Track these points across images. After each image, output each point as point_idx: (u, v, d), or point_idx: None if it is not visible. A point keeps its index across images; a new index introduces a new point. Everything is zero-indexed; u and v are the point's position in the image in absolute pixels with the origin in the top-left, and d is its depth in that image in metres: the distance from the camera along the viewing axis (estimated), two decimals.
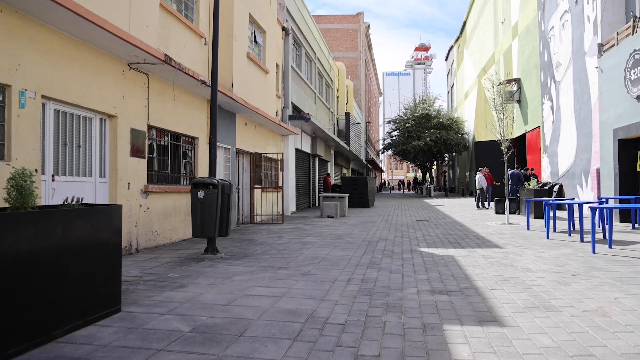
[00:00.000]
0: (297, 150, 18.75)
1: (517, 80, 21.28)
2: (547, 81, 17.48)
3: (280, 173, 15.31)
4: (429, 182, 44.43)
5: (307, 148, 20.65)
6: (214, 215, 6.49)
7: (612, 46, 11.93)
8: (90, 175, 6.51)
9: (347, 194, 16.39)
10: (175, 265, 6.04)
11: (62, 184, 5.92)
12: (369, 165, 51.67)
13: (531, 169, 18.45)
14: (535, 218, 12.92)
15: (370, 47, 56.44)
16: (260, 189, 13.49)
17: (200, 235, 6.58)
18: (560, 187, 16.07)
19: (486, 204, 19.46)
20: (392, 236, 9.38)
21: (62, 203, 3.68)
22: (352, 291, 4.57)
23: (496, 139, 12.85)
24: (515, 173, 16.56)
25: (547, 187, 15.48)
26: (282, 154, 14.16)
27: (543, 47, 17.93)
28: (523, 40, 20.63)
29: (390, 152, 43.77)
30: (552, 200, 10.30)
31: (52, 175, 5.75)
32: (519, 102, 21.43)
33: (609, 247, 7.17)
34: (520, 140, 21.76)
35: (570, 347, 2.97)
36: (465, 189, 35.50)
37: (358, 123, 40.73)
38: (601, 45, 12.54)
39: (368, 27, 50.03)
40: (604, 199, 10.36)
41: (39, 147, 5.38)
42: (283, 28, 16.47)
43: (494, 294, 4.42)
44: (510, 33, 22.62)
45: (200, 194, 6.48)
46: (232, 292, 4.51)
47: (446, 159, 44.36)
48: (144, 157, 7.57)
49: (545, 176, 17.99)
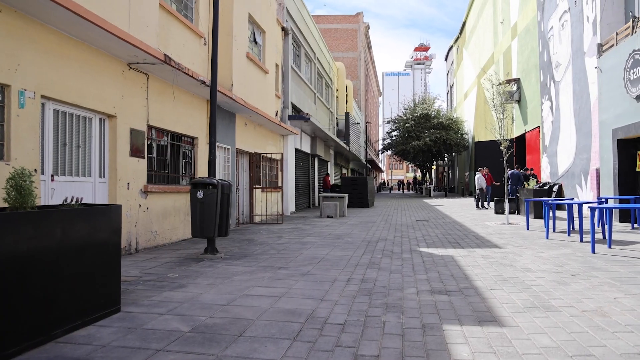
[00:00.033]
0: (296, 150, 18.75)
1: (517, 81, 21.29)
2: (547, 81, 17.49)
3: (279, 173, 15.30)
4: (428, 182, 44.44)
5: (306, 148, 20.65)
6: (213, 216, 6.49)
7: (611, 46, 11.94)
8: (89, 175, 6.51)
9: (347, 194, 16.39)
10: (175, 265, 6.03)
11: (61, 184, 5.92)
12: (368, 165, 51.67)
13: (530, 169, 18.47)
14: (534, 218, 12.92)
15: (369, 47, 56.47)
16: (259, 189, 13.49)
17: (200, 235, 6.58)
18: (560, 187, 16.08)
19: (486, 204, 19.47)
20: (391, 236, 9.39)
21: (61, 203, 3.68)
22: (352, 291, 4.57)
23: (496, 139, 12.86)
24: (515, 173, 16.57)
25: (546, 187, 15.48)
26: (282, 154, 14.17)
27: (542, 47, 17.94)
28: (522, 41, 20.64)
29: (389, 152, 43.80)
30: (552, 200, 10.31)
31: (52, 175, 5.75)
32: (518, 102, 21.44)
33: (609, 247, 7.17)
34: (520, 140, 21.77)
35: (569, 347, 2.97)
36: (464, 189, 35.51)
37: (358, 123, 40.73)
38: (600, 46, 12.54)
39: (367, 27, 50.05)
40: (603, 199, 10.37)
41: (39, 147, 5.37)
42: (282, 28, 16.47)
43: (494, 294, 4.42)
44: (510, 33, 22.64)
45: (200, 194, 6.48)
46: (231, 292, 4.51)
47: (446, 159, 44.39)
48: (144, 157, 7.57)
49: (545, 176, 18.00)
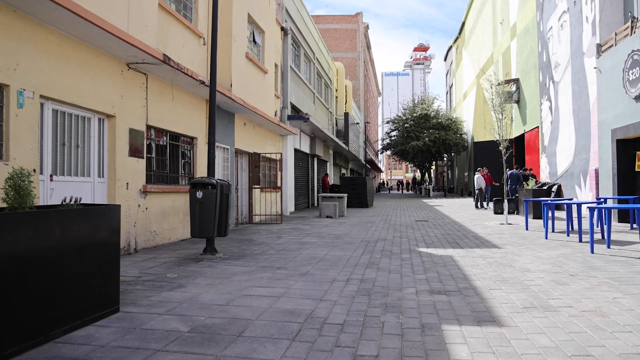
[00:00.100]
0: (296, 150, 18.75)
1: (516, 81, 21.31)
2: (546, 81, 17.50)
3: (279, 173, 15.31)
4: (427, 182, 44.45)
5: (306, 148, 20.65)
6: (212, 216, 6.49)
7: (610, 47, 11.95)
8: (88, 175, 6.50)
9: (346, 194, 16.39)
10: (174, 266, 6.03)
11: (60, 184, 5.91)
12: (367, 165, 51.67)
13: (530, 169, 18.48)
14: (533, 218, 12.93)
15: (369, 47, 56.48)
16: (259, 189, 13.48)
17: (199, 235, 6.58)
18: (559, 187, 16.09)
19: (485, 204, 19.48)
20: (390, 236, 9.39)
21: (60, 203, 3.67)
22: (351, 291, 4.57)
23: (495, 139, 12.87)
24: (514, 173, 16.58)
25: (545, 188, 15.49)
26: (281, 154, 14.18)
27: (542, 48, 17.95)
28: (522, 41, 20.66)
29: (389, 152, 43.83)
30: (551, 200, 10.31)
31: (51, 175, 5.74)
32: (517, 102, 21.45)
33: (608, 247, 7.17)
34: (519, 141, 21.78)
35: (568, 347, 2.98)
36: (463, 189, 35.53)
37: (357, 123, 40.74)
38: (600, 46, 12.55)
39: (367, 27, 50.06)
40: (602, 199, 10.37)
41: (37, 147, 5.37)
42: (282, 28, 16.47)
43: (493, 294, 4.42)
44: (509, 33, 22.65)
45: (199, 194, 6.48)
46: (230, 292, 4.51)
47: (445, 159, 44.41)
48: (143, 157, 7.56)
49: (544, 176, 18.01)
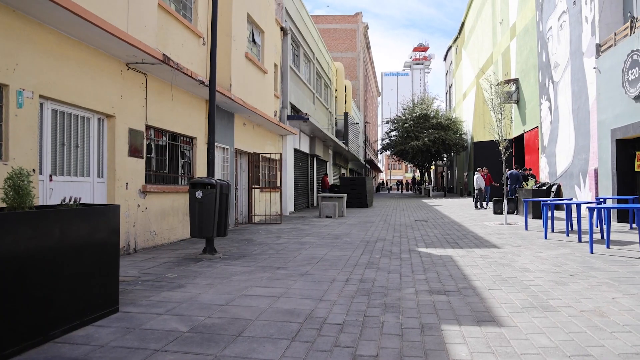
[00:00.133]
0: (295, 150, 18.75)
1: (516, 81, 21.32)
2: (545, 81, 17.51)
3: (278, 173, 15.31)
4: (427, 182, 44.47)
5: (305, 148, 20.65)
6: (212, 216, 6.48)
7: (609, 47, 11.96)
8: (88, 175, 6.50)
9: (346, 194, 16.39)
10: (174, 266, 6.03)
11: (59, 184, 5.91)
12: (367, 165, 51.71)
13: (529, 169, 18.49)
14: (533, 218, 12.94)
15: (368, 47, 56.49)
16: (258, 189, 13.48)
17: (199, 235, 6.57)
18: (559, 187, 16.10)
19: (484, 204, 19.48)
20: (390, 236, 9.39)
21: (59, 203, 3.67)
22: (351, 291, 4.57)
23: (494, 139, 12.88)
24: (514, 173, 16.58)
25: (545, 188, 15.50)
26: (281, 154, 14.17)
27: (541, 48, 17.96)
28: (521, 41, 20.66)
29: (388, 152, 43.82)
30: (550, 200, 10.32)
31: (50, 175, 5.74)
32: (517, 102, 21.46)
33: (607, 247, 7.18)
34: (519, 141, 21.79)
35: (568, 347, 2.98)
36: (463, 189, 35.54)
37: (356, 123, 40.75)
38: (599, 46, 12.56)
39: (366, 27, 50.06)
40: (601, 199, 10.38)
41: (37, 147, 5.36)
42: (281, 28, 16.47)
43: (492, 294, 4.42)
44: (509, 33, 22.66)
45: (199, 194, 6.47)
46: (230, 292, 4.50)
47: (444, 159, 44.42)
48: (142, 157, 7.56)
49: (544, 176, 18.02)
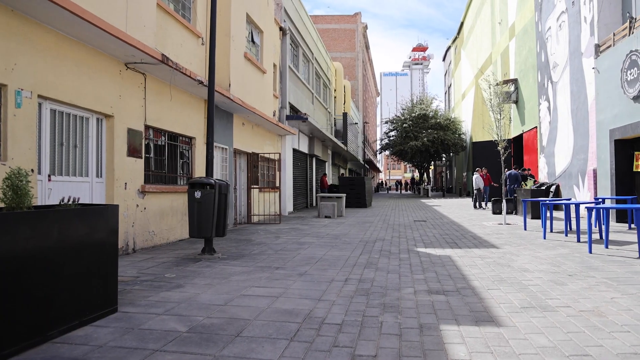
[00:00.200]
0: (294, 150, 18.75)
1: (514, 81, 21.33)
2: (544, 82, 17.52)
3: (277, 173, 15.30)
4: (426, 182, 44.49)
5: (304, 148, 20.65)
6: (211, 216, 6.48)
7: (608, 47, 11.97)
8: (86, 175, 6.49)
9: (345, 194, 16.40)
10: (172, 266, 6.03)
11: (58, 184, 5.90)
12: (366, 165, 51.73)
13: (528, 169, 18.50)
14: (532, 218, 12.94)
15: (367, 47, 56.52)
16: (257, 189, 13.48)
17: (197, 235, 6.57)
18: (557, 187, 16.11)
19: (483, 204, 19.50)
20: (389, 236, 9.39)
21: (58, 203, 3.67)
22: (349, 291, 4.57)
23: (493, 140, 12.89)
24: (513, 173, 16.59)
25: (544, 188, 15.51)
26: (280, 154, 14.17)
27: (540, 48, 17.97)
28: (520, 41, 20.68)
29: (387, 153, 43.82)
30: (549, 200, 10.33)
31: (49, 175, 5.73)
32: (516, 102, 21.47)
33: (606, 247, 7.19)
34: (517, 141, 21.80)
35: (566, 347, 2.98)
36: (462, 190, 35.56)
37: (355, 123, 40.75)
38: (598, 46, 12.57)
39: (365, 27, 50.09)
40: (600, 199, 10.39)
41: (35, 147, 5.36)
42: (280, 28, 16.47)
43: (491, 294, 4.42)
44: (508, 34, 22.67)
45: (197, 194, 6.47)
46: (229, 292, 4.50)
47: (443, 159, 44.44)
48: (141, 157, 7.56)
49: (542, 176, 18.04)
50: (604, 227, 7.50)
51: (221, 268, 5.83)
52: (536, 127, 18.73)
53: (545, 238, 8.58)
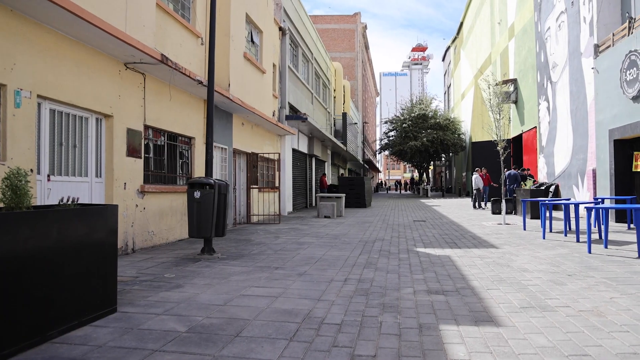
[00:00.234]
0: (294, 150, 18.75)
1: (514, 81, 21.34)
2: (544, 82, 17.53)
3: (277, 173, 15.29)
4: (425, 182, 44.50)
5: (304, 148, 20.65)
6: (210, 216, 6.48)
7: (607, 47, 11.98)
8: (86, 175, 6.49)
9: (344, 194, 16.40)
10: (172, 266, 6.02)
11: (57, 184, 5.90)
12: (366, 165, 51.72)
13: (527, 169, 18.52)
14: (531, 218, 12.95)
15: (367, 47, 56.53)
16: (257, 189, 13.47)
17: (197, 235, 6.57)
18: (557, 187, 16.12)
19: (483, 204, 19.51)
20: (388, 236, 9.39)
21: (57, 203, 3.67)
22: (349, 291, 4.57)
23: (493, 140, 12.89)
24: (512, 173, 16.60)
25: (543, 188, 15.52)
26: (279, 154, 14.16)
27: (539, 48, 17.99)
28: (519, 41, 20.69)
29: (387, 153, 43.81)
30: (549, 200, 10.33)
31: (48, 175, 5.73)
32: (515, 102, 21.49)
33: (605, 247, 7.19)
34: (517, 141, 21.82)
35: (565, 347, 2.98)
36: (461, 190, 35.57)
37: (355, 123, 40.76)
38: (597, 46, 12.59)
39: (365, 27, 50.10)
40: (599, 199, 10.40)
41: (35, 147, 5.35)
42: (280, 28, 16.47)
43: (490, 294, 4.42)
44: (507, 34, 22.69)
45: (197, 194, 6.47)
46: (228, 292, 4.50)
47: (443, 159, 44.45)
48: (140, 157, 7.55)
49: (542, 176, 18.05)
50: (603, 227, 7.51)
51: (220, 268, 5.83)
52: (535, 127, 18.75)
53: (544, 238, 8.59)
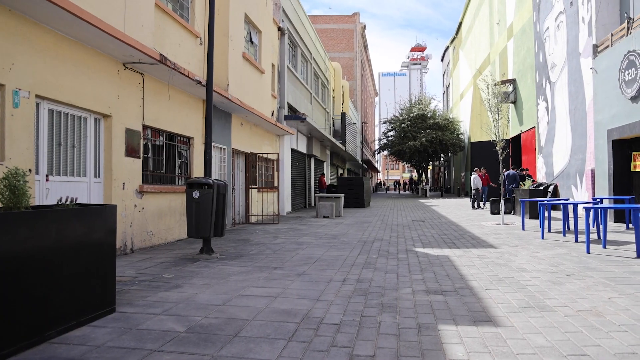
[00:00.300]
0: (292, 150, 18.74)
1: (513, 81, 21.37)
2: (542, 82, 17.56)
3: (276, 173, 15.28)
4: (424, 182, 44.51)
5: (302, 148, 20.65)
6: (209, 216, 6.47)
7: (606, 47, 12.00)
8: (84, 175, 6.48)
9: (343, 194, 16.40)
10: (170, 266, 6.02)
11: (56, 184, 5.89)
12: (364, 165, 51.75)
13: (526, 169, 18.54)
14: (530, 218, 12.97)
15: (366, 47, 56.55)
16: (255, 189, 13.47)
17: (196, 235, 6.56)
18: (555, 187, 16.14)
19: (481, 204, 19.53)
20: (387, 236, 9.40)
21: (56, 203, 3.66)
22: (348, 291, 4.57)
23: (491, 140, 12.91)
24: (511, 173, 16.62)
25: (542, 188, 15.54)
26: (278, 154, 14.15)
27: (538, 48, 18.01)
28: (518, 41, 20.72)
29: (386, 153, 43.79)
30: (547, 200, 10.34)
31: (46, 175, 5.72)
32: (514, 102, 21.51)
33: (603, 247, 7.20)
34: (516, 141, 21.84)
35: (564, 347, 2.99)
36: (460, 190, 35.60)
37: (354, 123, 40.76)
38: (596, 46, 12.60)
39: (364, 27, 50.11)
40: (598, 199, 10.42)
41: (33, 147, 5.35)
42: (279, 28, 16.46)
43: (489, 294, 4.43)
44: (506, 34, 22.71)
45: (196, 194, 6.46)
46: (227, 293, 4.50)
47: (442, 159, 44.44)
48: (139, 157, 7.55)
49: (540, 176, 18.07)
50: (601, 227, 7.52)
51: (219, 268, 5.83)
52: (534, 127, 18.77)
53: (543, 238, 8.60)
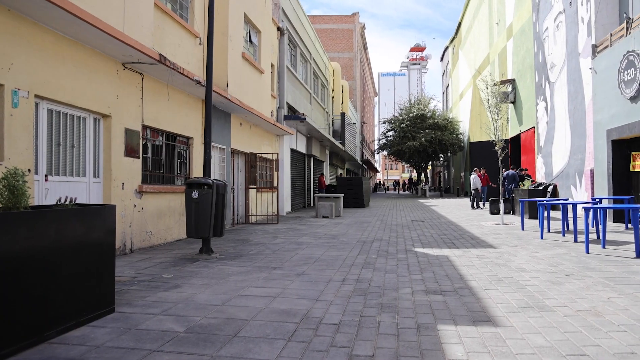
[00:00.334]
0: (292, 150, 18.74)
1: (512, 81, 21.38)
2: (542, 82, 17.57)
3: (275, 173, 15.27)
4: (424, 182, 44.52)
5: (302, 148, 20.64)
6: (208, 216, 6.47)
7: (605, 47, 12.01)
8: (84, 175, 6.47)
9: (342, 194, 16.40)
10: (170, 266, 6.02)
11: (55, 184, 5.89)
12: (364, 165, 51.76)
13: (525, 169, 18.55)
14: (529, 218, 12.98)
15: (365, 47, 56.55)
16: (255, 189, 13.47)
17: (195, 235, 6.56)
18: (555, 187, 16.15)
19: (481, 204, 19.53)
20: (386, 236, 9.40)
21: (55, 203, 3.66)
22: (347, 291, 4.57)
23: (491, 140, 12.92)
24: (510, 173, 16.63)
25: (541, 188, 15.55)
26: (277, 154, 14.14)
27: (537, 48, 18.02)
28: (518, 41, 20.73)
29: (385, 153, 43.77)
30: (547, 200, 10.35)
31: (46, 175, 5.72)
32: (513, 102, 21.52)
33: (603, 247, 7.21)
34: (515, 141, 21.85)
35: (563, 347, 2.99)
36: (460, 190, 35.61)
37: (353, 123, 40.76)
38: (595, 47, 12.61)
39: (363, 27, 50.12)
40: (597, 199, 10.43)
41: (32, 147, 5.34)
42: (278, 28, 16.46)
43: (488, 294, 4.43)
44: (505, 34, 22.72)
45: (195, 194, 6.46)
46: (226, 293, 4.50)
47: (441, 159, 44.44)
48: (138, 157, 7.54)
49: (540, 176, 18.08)
50: (601, 227, 7.52)
51: (219, 268, 5.83)
52: (534, 127, 18.78)
53: (542, 238, 8.60)
